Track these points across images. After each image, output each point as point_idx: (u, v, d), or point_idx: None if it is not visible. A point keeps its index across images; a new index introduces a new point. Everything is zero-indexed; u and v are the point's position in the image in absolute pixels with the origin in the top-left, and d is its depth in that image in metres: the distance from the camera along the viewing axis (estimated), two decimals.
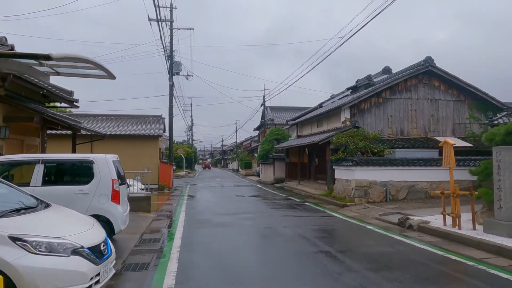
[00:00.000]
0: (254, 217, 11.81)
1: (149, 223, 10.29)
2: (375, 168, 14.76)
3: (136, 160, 21.61)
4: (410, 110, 18.93)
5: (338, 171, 16.36)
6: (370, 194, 14.58)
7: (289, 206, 14.91)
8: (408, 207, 12.82)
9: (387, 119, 18.70)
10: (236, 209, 13.88)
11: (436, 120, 19.15)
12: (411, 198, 14.88)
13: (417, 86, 19.03)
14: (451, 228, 8.79)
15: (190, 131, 64.49)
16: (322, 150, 20.64)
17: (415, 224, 9.59)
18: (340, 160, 16.06)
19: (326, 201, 15.82)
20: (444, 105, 19.27)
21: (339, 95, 27.32)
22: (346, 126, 17.93)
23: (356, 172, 14.62)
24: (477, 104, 19.44)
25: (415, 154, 16.15)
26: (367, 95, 18.28)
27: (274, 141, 29.90)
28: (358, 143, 15.29)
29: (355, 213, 12.79)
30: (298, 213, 12.72)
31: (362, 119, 18.35)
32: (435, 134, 19.02)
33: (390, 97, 18.79)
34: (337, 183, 16.30)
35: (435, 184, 15.20)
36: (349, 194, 14.84)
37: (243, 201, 17.07)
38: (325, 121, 21.49)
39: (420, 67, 18.61)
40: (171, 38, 26.10)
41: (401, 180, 14.94)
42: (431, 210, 11.88)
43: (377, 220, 11.25)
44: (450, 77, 18.84)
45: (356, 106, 18.46)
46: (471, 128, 19.37)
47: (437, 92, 19.22)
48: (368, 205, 13.85)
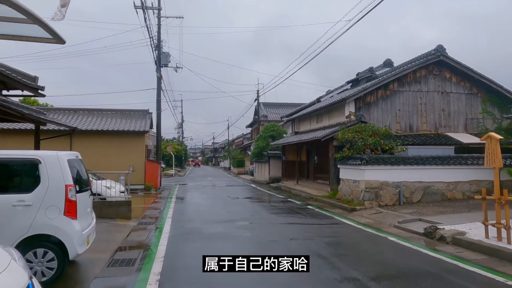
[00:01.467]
0: (253, 226, 10.07)
1: (127, 235, 8.48)
2: (387, 167, 13.12)
3: (120, 158, 19.74)
4: (420, 104, 17.35)
5: (343, 170, 14.70)
6: (382, 197, 12.94)
7: (290, 210, 13.21)
8: (427, 212, 11.20)
9: (395, 113, 17.10)
10: (230, 214, 12.13)
11: (448, 114, 17.60)
12: (426, 200, 13.28)
13: (427, 77, 17.45)
14: (497, 242, 7.17)
15: (180, 128, 62.48)
16: (324, 147, 18.97)
17: (449, 235, 7.95)
18: (346, 158, 14.40)
19: (331, 204, 14.15)
20: (455, 98, 17.73)
21: (338, 89, 25.71)
22: (351, 121, 16.27)
23: (366, 172, 12.97)
24: (491, 97, 17.94)
25: (428, 151, 14.56)
26: (374, 86, 16.65)
27: (269, 138, 28.20)
28: (367, 139, 13.64)
29: (367, 219, 11.14)
30: (302, 220, 11.01)
31: (368, 113, 16.72)
32: (446, 130, 17.48)
33: (398, 90, 17.18)
34: (343, 184, 14.64)
35: (452, 185, 13.68)
36: (358, 196, 13.18)
37: (238, 204, 15.33)
38: (326, 116, 19.82)
39: (431, 56, 17.03)
40: (159, 27, 24.22)
41: (416, 181, 13.33)
42: (457, 216, 10.27)
43: (397, 228, 9.61)
44: (463, 68, 17.30)
45: (362, 99, 16.81)
46: (484, 123, 17.87)
47: (449, 85, 17.67)
48: (380, 209, 12.21)
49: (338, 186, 15.09)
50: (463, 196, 13.68)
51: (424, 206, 12.48)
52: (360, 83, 21.17)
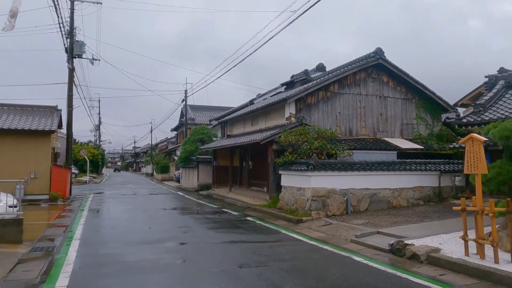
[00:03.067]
0: (189, 248, 8.07)
1: (8, 272, 5.98)
2: (334, 173, 12.01)
3: (18, 163, 16.29)
4: (359, 107, 16.78)
5: (286, 177, 13.32)
6: (329, 206, 11.77)
7: (228, 223, 11.41)
8: (381, 223, 10.21)
9: (336, 116, 16.29)
10: (158, 231, 9.97)
11: (385, 119, 17.29)
12: (373, 209, 12.43)
13: (366, 80, 16.97)
14: (481, 261, 6.15)
15: (97, 131, 57.10)
16: (260, 151, 17.53)
17: (422, 253, 6.81)
18: (288, 164, 13.05)
19: (273, 215, 12.65)
20: (392, 103, 17.51)
21: (271, 92, 24.67)
22: (291, 123, 15.04)
23: (312, 178, 11.70)
24: (424, 103, 18.07)
25: (372, 156, 13.84)
26: (315, 87, 15.63)
27: (198, 142, 26.10)
28: (312, 142, 12.42)
29: (319, 232, 9.80)
30: (246, 236, 9.28)
31: (309, 116, 15.65)
32: (383, 134, 17.14)
33: (339, 92, 16.42)
34: (285, 192, 13.25)
35: (397, 191, 13.05)
36: (303, 205, 11.86)
37: (166, 217, 13.12)
38: (263, 118, 18.45)
39: (370, 59, 16.56)
40: (72, 12, 20.92)
41: (363, 188, 12.42)
42: (414, 227, 9.36)
43: (356, 244, 8.35)
44: (399, 73, 17.14)
45: (303, 100, 15.69)
46: (418, 129, 17.91)
47: (386, 89, 17.40)
48: (329, 220, 10.98)
49: (279, 194, 13.67)
50: (408, 203, 13.12)
51: (373, 215, 11.55)
52: (295, 86, 20.26)
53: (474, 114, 12.65)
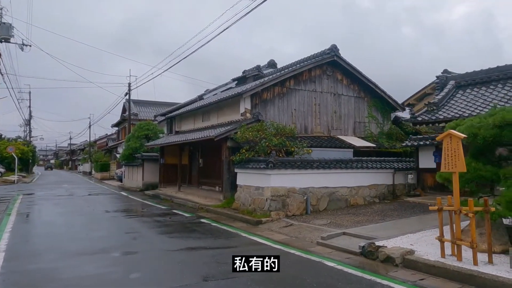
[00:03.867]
0: (141, 258, 7.04)
1: None
2: (294, 171, 11.51)
3: None
4: (314, 104, 16.52)
5: (242, 175, 12.59)
6: (289, 206, 11.24)
7: (182, 226, 10.45)
8: (343, 223, 9.86)
9: (291, 112, 15.87)
10: (102, 239, 8.77)
11: (339, 117, 17.22)
12: (332, 208, 12.12)
13: (321, 77, 16.77)
14: (461, 263, 5.87)
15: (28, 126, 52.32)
16: (212, 148, 16.65)
17: (397, 255, 6.44)
18: (245, 162, 12.33)
19: (229, 216, 11.88)
20: (346, 101, 17.49)
21: (222, 87, 23.87)
22: (247, 119, 14.35)
23: (272, 177, 11.10)
24: (375, 102, 18.30)
25: (329, 154, 13.59)
26: (271, 82, 15.08)
27: (143, 138, 24.52)
28: (271, 139, 11.81)
29: (281, 234, 9.21)
30: (204, 241, 8.41)
31: (264, 112, 15.06)
32: (337, 132, 17.06)
33: (295, 88, 16.02)
34: (241, 191, 12.52)
35: (354, 190, 12.87)
36: (262, 206, 11.21)
37: (110, 221, 11.81)
38: (215, 113, 17.56)
39: (326, 56, 16.37)
40: None
41: (322, 186, 12.06)
42: (379, 227, 9.09)
43: (323, 247, 7.86)
44: (353, 70, 17.16)
45: (259, 95, 15.07)
46: (369, 127, 18.09)
47: (340, 86, 17.33)
48: (290, 221, 10.45)
49: (235, 194, 12.91)
50: (364, 202, 13.01)
51: (333, 214, 11.21)
52: (248, 81, 19.67)
53: (428, 113, 12.82)
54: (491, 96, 11.87)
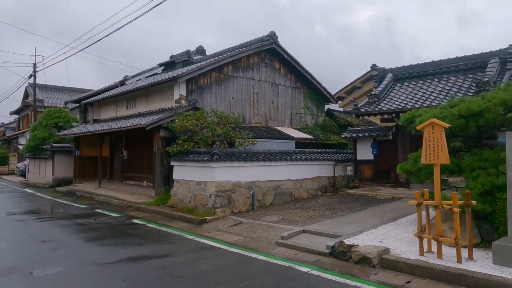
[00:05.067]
0: (67, 279, 5.46)
1: None
2: (240, 164, 10.55)
3: None
4: (252, 93, 15.71)
5: (180, 169, 11.26)
6: (235, 202, 10.27)
7: (112, 230, 8.85)
8: (295, 218, 9.20)
9: (229, 101, 14.85)
10: (7, 252, 6.89)
11: (276, 107, 16.66)
12: (278, 202, 11.46)
13: (260, 65, 16.00)
14: (443, 261, 5.49)
15: None
16: (139, 139, 14.97)
17: (373, 255, 5.88)
18: (184, 154, 11.04)
19: (166, 215, 10.52)
20: (283, 91, 16.99)
21: (146, 73, 21.91)
22: (182, 107, 12.99)
23: (217, 171, 10.00)
24: (311, 93, 18.13)
25: (271, 145, 12.91)
26: (209, 67, 13.86)
27: (53, 127, 21.42)
28: (215, 128, 10.68)
29: (232, 235, 8.22)
30: (146, 248, 7.03)
31: (201, 99, 13.81)
32: (275, 123, 16.50)
33: (233, 75, 15.01)
34: (178, 187, 11.20)
35: (298, 183, 12.39)
36: (205, 202, 10.07)
37: (18, 226, 9.63)
38: (142, 100, 15.77)
39: (265, 42, 15.62)
40: None
41: (267, 180, 11.31)
42: (336, 222, 8.56)
43: (286, 248, 7.08)
44: (291, 60, 16.70)
45: (195, 80, 13.76)
46: (305, 119, 17.86)
47: (278, 76, 16.76)
48: (238, 218, 9.49)
49: (171, 189, 11.54)
50: (308, 195, 12.59)
51: (281, 209, 10.52)
52: (176, 67, 18.19)
53: (370, 104, 12.79)
54: (429, 89, 12.17)
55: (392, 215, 8.96)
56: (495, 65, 11.05)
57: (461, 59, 12.29)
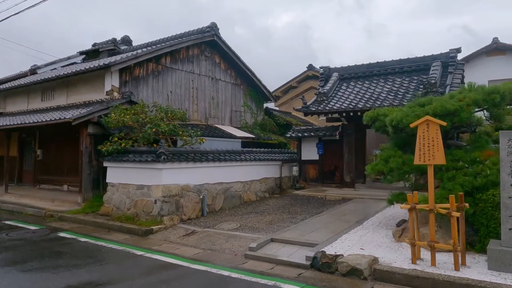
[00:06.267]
0: None
1: None
2: (189, 165, 9.39)
3: None
4: (192, 88, 14.50)
5: (116, 170, 9.69)
6: (184, 207, 9.08)
7: (35, 248, 7.09)
8: (254, 225, 8.37)
9: (167, 95, 13.47)
10: None
11: (217, 104, 15.65)
12: (228, 206, 10.51)
13: (199, 58, 14.85)
14: (436, 269, 5.09)
15: None
16: (60, 136, 12.88)
17: (364, 266, 5.29)
18: (121, 153, 9.52)
19: (99, 225, 8.93)
20: (223, 87, 16.04)
21: (62, 62, 19.31)
22: (114, 100, 11.36)
23: (164, 173, 8.72)
24: (251, 91, 17.45)
25: (217, 145, 11.91)
26: (146, 56, 12.36)
27: None
28: (159, 124, 9.36)
29: (189, 247, 7.10)
30: (89, 273, 5.59)
31: (136, 92, 12.26)
32: (215, 121, 15.48)
33: (171, 67, 13.66)
34: (114, 192, 9.63)
35: (247, 184, 11.62)
36: (149, 210, 8.72)
37: None
38: (62, 91, 13.61)
39: (206, 34, 14.52)
40: None
41: (217, 182, 10.29)
42: (302, 228, 7.91)
43: (257, 261, 6.21)
44: (232, 54, 15.84)
45: (130, 70, 12.18)
46: (245, 117, 17.13)
47: (218, 71, 15.76)
48: (190, 227, 8.35)
49: (104, 194, 9.90)
50: (256, 197, 11.85)
51: (233, 214, 9.59)
52: (101, 56, 16.23)
53: (319, 103, 12.47)
54: (377, 89, 12.21)
55: (354, 217, 8.61)
56: (438, 68, 11.41)
57: (405, 61, 12.56)
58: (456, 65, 11.37)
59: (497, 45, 20.70)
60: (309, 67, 21.60)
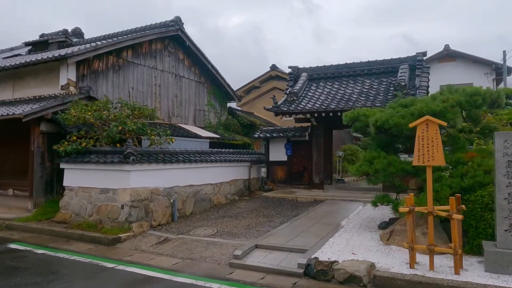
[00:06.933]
0: None
1: None
2: (159, 166, 8.68)
3: None
4: (154, 85, 13.68)
5: (75, 173, 8.73)
6: (153, 213, 8.36)
7: None
8: (231, 230, 7.88)
9: (128, 92, 12.57)
10: None
11: (180, 103, 14.92)
12: (198, 210, 9.91)
13: (163, 53, 14.07)
14: (435, 274, 4.95)
15: None
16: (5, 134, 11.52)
17: (363, 273, 5.03)
18: (82, 153, 8.60)
19: (55, 234, 7.97)
20: (187, 85, 15.34)
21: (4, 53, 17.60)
22: (70, 95, 10.35)
23: (132, 175, 7.96)
24: (215, 90, 16.89)
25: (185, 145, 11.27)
26: (106, 48, 11.41)
27: None
28: (126, 122, 8.56)
29: (164, 256, 6.47)
30: None
31: (95, 87, 11.28)
32: (178, 120, 14.76)
33: (133, 61, 12.78)
34: (73, 196, 8.67)
35: (217, 187, 11.11)
36: (115, 216, 7.91)
37: None
38: (8, 84, 12.24)
39: (170, 28, 13.79)
40: None
41: (187, 185, 9.66)
42: (284, 232, 7.55)
43: (245, 270, 5.75)
44: (196, 51, 15.22)
45: (88, 63, 11.17)
46: (209, 116, 16.53)
47: (182, 67, 15.05)
48: (161, 234, 7.68)
49: (61, 199, 8.89)
50: (226, 200, 11.34)
51: (206, 219, 9.03)
52: (51, 48, 14.91)
53: (290, 103, 12.24)
54: (347, 90, 12.19)
55: (333, 220, 8.40)
56: (406, 70, 11.60)
57: (373, 63, 12.68)
58: (423, 68, 11.62)
59: (448, 52, 21.79)
60: (272, 67, 21.41)
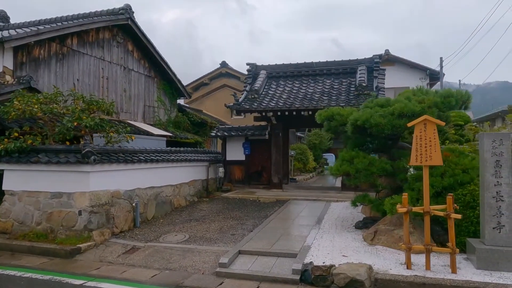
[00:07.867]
0: None
1: None
2: (120, 167, 7.82)
3: None
4: (102, 77, 12.52)
5: (18, 175, 7.51)
6: (115, 218, 7.50)
7: None
8: (204, 234, 7.35)
9: (73, 84, 11.31)
10: None
11: (129, 98, 13.85)
12: (160, 214, 9.17)
13: (111, 43, 12.93)
14: (433, 273, 4.94)
15: None
16: None
17: (364, 276, 4.87)
18: (27, 152, 7.44)
19: None
20: (136, 78, 14.30)
21: None
22: (8, 85, 9.01)
23: (92, 177, 7.04)
24: (165, 85, 15.99)
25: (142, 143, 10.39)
26: (49, 34, 10.12)
27: None
28: (81, 117, 7.57)
29: (139, 268, 5.79)
30: None
31: (36, 76, 9.95)
32: (127, 116, 13.70)
33: (79, 50, 11.53)
34: (15, 202, 7.47)
35: (177, 188, 10.46)
36: (71, 224, 6.94)
37: None
38: None
39: (120, 16, 12.72)
40: None
41: (148, 187, 8.88)
42: (264, 235, 7.19)
43: (235, 279, 5.33)
44: (147, 42, 14.25)
45: (28, 49, 9.81)
46: (158, 113, 15.59)
47: (131, 60, 13.98)
48: (127, 242, 6.90)
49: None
50: (186, 202, 10.69)
51: (172, 223, 8.36)
52: None
53: (251, 100, 11.91)
54: (309, 90, 12.16)
55: (306, 221, 8.25)
56: (364, 71, 11.87)
57: (331, 64, 12.81)
58: (380, 70, 11.97)
59: (388, 57, 23.00)
60: (222, 64, 20.86)
